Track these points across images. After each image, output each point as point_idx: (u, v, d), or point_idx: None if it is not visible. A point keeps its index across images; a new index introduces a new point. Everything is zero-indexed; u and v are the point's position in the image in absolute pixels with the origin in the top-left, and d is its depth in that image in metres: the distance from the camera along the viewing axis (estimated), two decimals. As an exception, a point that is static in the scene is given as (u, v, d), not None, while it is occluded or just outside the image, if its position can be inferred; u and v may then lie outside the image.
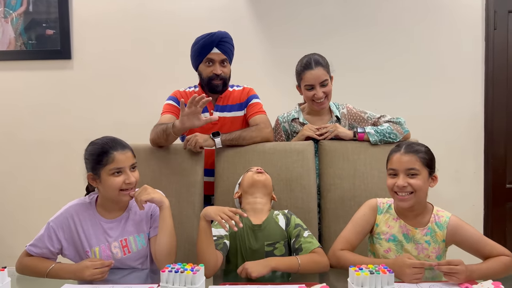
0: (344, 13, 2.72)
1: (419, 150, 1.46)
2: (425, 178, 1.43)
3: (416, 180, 1.42)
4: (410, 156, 1.43)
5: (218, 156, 1.91)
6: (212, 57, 1.93)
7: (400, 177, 1.43)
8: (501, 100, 2.72)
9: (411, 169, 1.42)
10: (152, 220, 1.50)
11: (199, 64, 1.98)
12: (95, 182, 1.44)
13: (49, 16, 2.65)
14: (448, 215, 1.48)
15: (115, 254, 1.46)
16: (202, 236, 1.39)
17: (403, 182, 1.41)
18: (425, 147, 1.50)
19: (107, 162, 1.40)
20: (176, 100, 2.00)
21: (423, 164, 1.43)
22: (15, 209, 2.79)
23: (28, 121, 2.76)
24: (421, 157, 1.44)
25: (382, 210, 1.53)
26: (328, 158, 1.89)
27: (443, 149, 2.65)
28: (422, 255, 1.45)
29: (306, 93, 1.94)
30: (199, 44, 1.94)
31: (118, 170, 1.41)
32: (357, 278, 0.99)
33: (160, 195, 1.46)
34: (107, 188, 1.42)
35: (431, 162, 1.47)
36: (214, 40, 1.91)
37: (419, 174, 1.42)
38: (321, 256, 1.46)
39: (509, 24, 2.68)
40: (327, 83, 1.92)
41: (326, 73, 1.92)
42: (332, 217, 1.83)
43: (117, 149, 1.42)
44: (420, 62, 2.72)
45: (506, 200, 2.74)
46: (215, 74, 1.94)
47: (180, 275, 1.01)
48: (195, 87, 2.08)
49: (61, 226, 1.46)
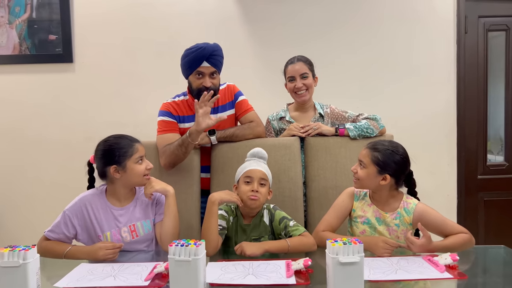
0: (327, 17, 2.86)
1: (378, 148, 1.62)
2: (371, 173, 1.60)
3: (362, 170, 1.63)
4: (366, 150, 1.64)
5: (214, 153, 2.07)
6: (202, 70, 1.96)
7: (356, 163, 1.67)
8: (472, 98, 2.90)
9: (362, 159, 1.63)
10: (157, 208, 1.69)
11: (189, 75, 2.01)
12: (117, 173, 1.61)
13: (51, 22, 2.77)
14: (415, 202, 1.67)
15: (125, 238, 1.64)
16: (212, 219, 1.59)
17: (354, 167, 1.67)
18: (391, 148, 1.61)
19: (132, 153, 1.61)
20: (169, 114, 2.04)
21: (372, 161, 1.60)
22: (19, 204, 2.87)
23: (31, 121, 2.85)
24: (373, 155, 1.60)
25: (358, 197, 1.74)
26: (312, 152, 2.09)
27: (419, 143, 2.85)
28: (393, 236, 1.64)
29: (289, 85, 2.17)
30: (189, 57, 1.96)
31: (141, 159, 1.63)
32: (332, 248, 1.18)
33: (163, 186, 1.66)
34: (133, 175, 1.62)
35: (385, 164, 1.59)
36: (205, 54, 1.93)
37: (366, 167, 1.62)
38: (308, 238, 1.63)
39: (479, 28, 2.86)
40: (307, 75, 2.13)
41: (306, 68, 2.14)
42: (316, 204, 2.03)
43: (137, 141, 1.66)
44: (397, 63, 2.87)
45: (477, 190, 2.93)
46: (204, 86, 1.97)
47: (185, 248, 1.20)
48: (184, 95, 2.11)
49: (75, 214, 1.63)
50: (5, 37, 2.78)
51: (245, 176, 1.69)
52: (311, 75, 2.16)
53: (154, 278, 1.34)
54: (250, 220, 1.72)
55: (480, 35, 2.88)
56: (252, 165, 1.71)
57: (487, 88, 2.93)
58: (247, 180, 1.68)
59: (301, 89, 2.14)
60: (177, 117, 2.06)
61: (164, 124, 2.04)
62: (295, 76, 2.14)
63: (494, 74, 2.97)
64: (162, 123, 2.05)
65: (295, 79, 2.14)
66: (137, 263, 1.50)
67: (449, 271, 1.34)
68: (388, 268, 1.39)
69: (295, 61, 2.16)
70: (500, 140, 2.99)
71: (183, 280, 1.20)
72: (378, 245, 1.54)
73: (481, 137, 2.93)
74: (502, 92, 2.95)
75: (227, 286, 1.28)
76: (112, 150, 1.61)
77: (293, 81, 2.15)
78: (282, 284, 1.27)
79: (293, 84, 2.15)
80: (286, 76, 2.20)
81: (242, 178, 1.70)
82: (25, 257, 1.20)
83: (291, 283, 1.28)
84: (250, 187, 1.66)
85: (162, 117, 2.06)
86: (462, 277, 1.31)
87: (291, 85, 2.16)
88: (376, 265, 1.41)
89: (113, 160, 1.60)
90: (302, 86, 2.13)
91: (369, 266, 1.39)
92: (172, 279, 1.21)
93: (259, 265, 1.44)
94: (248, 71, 2.86)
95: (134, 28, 2.84)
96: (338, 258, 1.17)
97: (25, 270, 1.20)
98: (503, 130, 2.97)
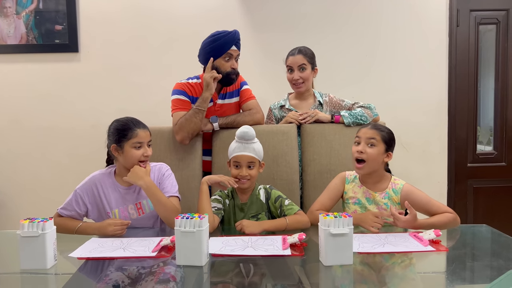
0: (325, 10, 2.94)
1: (382, 129, 1.76)
2: (381, 151, 1.73)
3: (371, 149, 1.72)
4: (373, 130, 1.75)
5: (215, 138, 2.18)
6: (231, 53, 2.09)
7: (361, 144, 1.74)
8: (463, 88, 2.98)
9: (372, 138, 1.72)
10: (160, 187, 1.79)
11: (217, 58, 2.07)
12: (117, 153, 1.72)
13: (57, 13, 2.84)
14: (402, 183, 1.78)
15: (131, 215, 1.76)
16: (204, 197, 1.70)
17: (362, 148, 1.73)
18: (388, 129, 1.78)
19: (131, 136, 1.69)
20: (184, 94, 2.13)
21: (382, 139, 1.73)
22: (28, 188, 2.95)
23: (38, 109, 2.92)
24: (381, 134, 1.74)
25: (349, 180, 1.85)
26: (308, 138, 2.19)
27: (412, 132, 2.96)
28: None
29: (288, 75, 2.28)
30: (220, 41, 2.05)
31: (139, 145, 1.71)
32: (324, 221, 1.30)
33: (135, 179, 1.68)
34: (128, 158, 1.71)
35: (390, 142, 1.75)
36: (234, 38, 2.07)
37: (376, 145, 1.72)
38: (303, 217, 1.75)
39: (470, 21, 2.94)
40: (305, 67, 2.22)
41: (305, 60, 2.23)
42: (311, 187, 2.14)
43: (140, 127, 1.72)
44: (391, 55, 2.95)
45: (467, 178, 3.02)
46: (233, 68, 2.10)
47: (190, 220, 1.31)
48: (197, 78, 2.20)
49: (86, 192, 1.75)
50: (12, 27, 2.86)
51: (233, 161, 1.79)
52: (310, 67, 2.25)
53: (160, 250, 1.45)
54: (246, 199, 1.82)
55: (472, 28, 2.95)
56: (240, 149, 1.77)
57: (478, 80, 3.01)
58: (236, 165, 1.78)
59: (298, 81, 2.25)
60: (191, 97, 2.15)
61: (180, 102, 2.12)
62: (293, 67, 2.24)
63: (485, 66, 3.04)
64: (178, 101, 2.13)
65: (293, 70, 2.25)
66: (144, 237, 1.61)
67: (432, 245, 1.46)
68: (376, 242, 1.50)
69: (295, 53, 2.25)
70: (490, 130, 3.09)
71: (188, 249, 1.32)
72: (368, 217, 1.66)
73: (471, 127, 3.02)
74: (492, 83, 3.04)
75: (228, 257, 1.39)
76: (115, 130, 1.72)
77: (291, 72, 2.26)
78: (278, 255, 1.39)
79: (291, 75, 2.26)
80: (286, 66, 2.30)
81: (232, 161, 1.79)
82: (43, 228, 1.32)
83: (286, 254, 1.40)
84: (238, 172, 1.77)
85: (178, 95, 2.13)
86: (443, 250, 1.43)
87: (289, 76, 2.27)
88: (366, 240, 1.53)
89: (114, 139, 1.71)
90: (298, 79, 2.24)
91: (359, 241, 1.51)
92: (178, 249, 1.33)
93: (257, 240, 1.55)
94: (249, 62, 2.89)
95: (138, 19, 2.91)
96: (329, 230, 1.29)
97: (43, 240, 1.31)
98: (492, 120, 3.06)
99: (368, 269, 1.30)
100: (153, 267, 1.31)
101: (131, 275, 1.26)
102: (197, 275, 1.26)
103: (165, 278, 1.24)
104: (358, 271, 1.28)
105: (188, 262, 1.32)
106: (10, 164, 2.96)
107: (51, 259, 1.34)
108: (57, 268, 1.34)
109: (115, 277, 1.25)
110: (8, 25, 2.86)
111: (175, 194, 1.78)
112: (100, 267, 1.33)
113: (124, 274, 1.27)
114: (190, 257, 1.32)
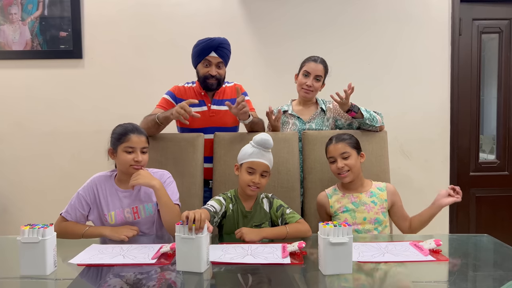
0: (327, 18, 2.95)
1: (345, 138, 1.87)
2: (355, 157, 1.85)
3: (348, 160, 1.83)
4: (341, 144, 1.85)
5: (216, 145, 2.19)
6: (209, 59, 2.16)
7: (338, 161, 1.83)
8: (465, 97, 2.99)
9: (344, 152, 1.84)
10: None
11: (198, 63, 2.21)
12: (113, 155, 1.77)
13: (62, 19, 2.87)
14: (383, 183, 1.92)
15: (127, 218, 1.78)
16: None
17: (340, 165, 1.82)
18: (348, 134, 1.92)
19: (124, 141, 1.73)
20: (172, 96, 2.24)
21: (351, 147, 1.84)
22: (32, 192, 2.97)
23: (42, 114, 2.94)
24: (348, 142, 1.85)
25: (331, 195, 1.92)
26: (310, 145, 2.19)
27: (414, 141, 2.96)
28: (372, 213, 1.83)
29: (301, 78, 2.28)
30: (199, 46, 2.16)
31: (131, 150, 1.73)
32: (324, 230, 1.30)
33: (148, 181, 1.68)
34: (120, 161, 1.75)
35: (357, 144, 1.89)
36: (214, 45, 2.14)
37: (350, 154, 1.84)
38: (304, 225, 1.73)
39: (473, 30, 2.95)
40: (320, 78, 2.26)
41: (323, 73, 2.27)
42: (312, 195, 2.12)
43: (134, 133, 1.75)
44: (393, 63, 2.96)
45: (470, 187, 3.01)
46: (210, 74, 2.17)
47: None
48: (193, 83, 2.30)
49: (88, 193, 1.78)
50: (18, 33, 2.89)
51: (248, 166, 1.76)
52: (322, 80, 2.29)
53: (160, 257, 1.45)
54: (250, 207, 1.82)
55: (474, 37, 2.96)
56: (257, 156, 1.75)
57: (480, 89, 3.01)
58: (250, 171, 1.75)
59: (309, 89, 2.26)
60: (179, 100, 2.21)
61: (164, 101, 2.25)
62: (311, 73, 2.25)
63: (487, 75, 3.05)
64: (162, 100, 2.27)
65: (309, 76, 2.25)
66: (144, 244, 1.61)
67: (432, 255, 1.45)
68: (376, 252, 1.50)
69: (318, 61, 2.26)
70: (492, 139, 3.08)
71: (188, 256, 1.32)
72: None
73: (473, 136, 3.02)
74: (495, 92, 3.04)
75: (227, 265, 1.39)
76: (113, 134, 1.78)
77: (306, 77, 2.26)
78: (278, 263, 1.39)
79: (305, 80, 2.26)
80: (302, 68, 2.29)
81: (245, 165, 1.77)
82: (43, 234, 1.33)
83: (286, 262, 1.39)
84: (251, 178, 1.75)
85: (166, 95, 2.27)
86: (443, 260, 1.42)
87: (303, 80, 2.27)
88: (366, 249, 1.53)
89: (111, 143, 1.77)
90: (311, 86, 2.25)
91: (359, 250, 1.51)
92: (178, 255, 1.33)
93: (257, 248, 1.55)
94: (250, 69, 2.95)
95: (141, 26, 2.94)
96: (328, 239, 1.28)
97: (43, 246, 1.32)
98: (495, 129, 3.06)
99: (367, 278, 1.29)
100: (153, 274, 1.31)
101: (130, 281, 1.26)
102: (197, 282, 1.26)
103: (164, 284, 1.24)
104: (358, 280, 1.28)
105: (187, 268, 1.32)
106: (14, 169, 2.98)
107: (51, 265, 1.34)
108: (57, 274, 1.34)
109: (115, 283, 1.25)
110: (14, 31, 2.89)
111: (176, 201, 1.79)
112: (99, 273, 1.34)
113: (124, 280, 1.27)
114: (189, 263, 1.32)
